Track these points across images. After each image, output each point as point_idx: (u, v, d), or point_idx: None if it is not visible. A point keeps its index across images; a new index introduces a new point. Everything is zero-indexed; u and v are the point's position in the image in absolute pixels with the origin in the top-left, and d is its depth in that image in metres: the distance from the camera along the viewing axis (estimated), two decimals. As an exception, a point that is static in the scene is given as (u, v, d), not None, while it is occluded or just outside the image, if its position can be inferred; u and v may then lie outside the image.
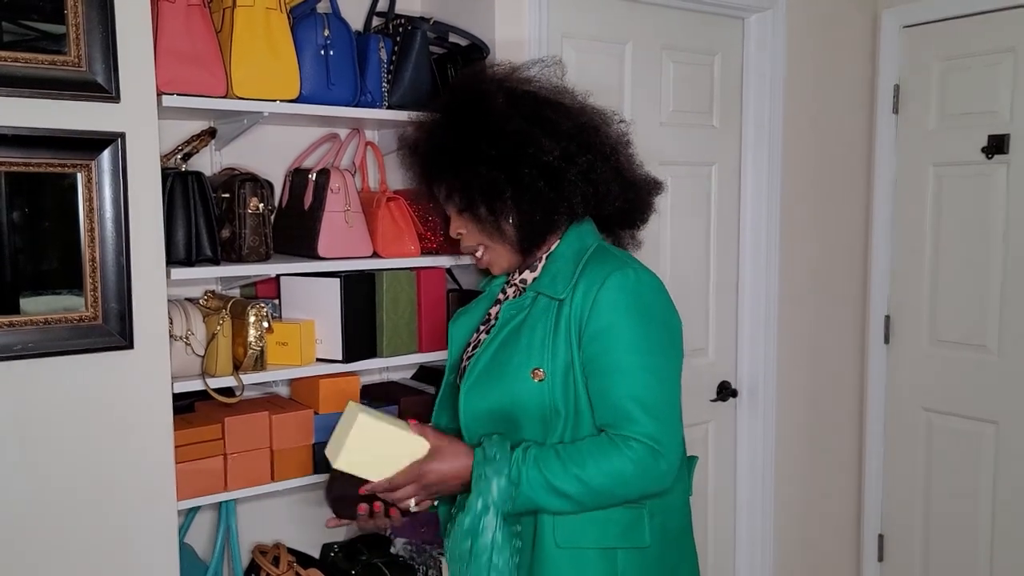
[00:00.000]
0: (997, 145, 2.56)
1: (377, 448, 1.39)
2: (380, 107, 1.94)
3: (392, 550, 2.21)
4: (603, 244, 1.50)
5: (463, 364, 1.55)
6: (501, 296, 1.58)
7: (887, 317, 2.90)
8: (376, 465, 1.39)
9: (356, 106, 1.90)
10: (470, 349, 1.56)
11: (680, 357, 1.42)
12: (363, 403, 1.69)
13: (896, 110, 2.81)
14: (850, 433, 2.96)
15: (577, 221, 1.50)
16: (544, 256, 1.50)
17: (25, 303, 1.53)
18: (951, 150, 2.69)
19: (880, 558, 2.96)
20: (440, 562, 2.11)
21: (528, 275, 1.51)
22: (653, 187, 1.59)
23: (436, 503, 1.51)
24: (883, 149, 2.84)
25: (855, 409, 2.96)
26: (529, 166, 1.41)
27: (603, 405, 1.36)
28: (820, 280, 2.81)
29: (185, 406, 1.90)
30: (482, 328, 1.57)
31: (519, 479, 1.32)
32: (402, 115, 1.96)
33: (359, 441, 1.37)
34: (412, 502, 1.41)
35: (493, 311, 1.57)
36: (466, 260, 2.12)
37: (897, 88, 2.80)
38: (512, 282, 1.55)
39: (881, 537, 2.96)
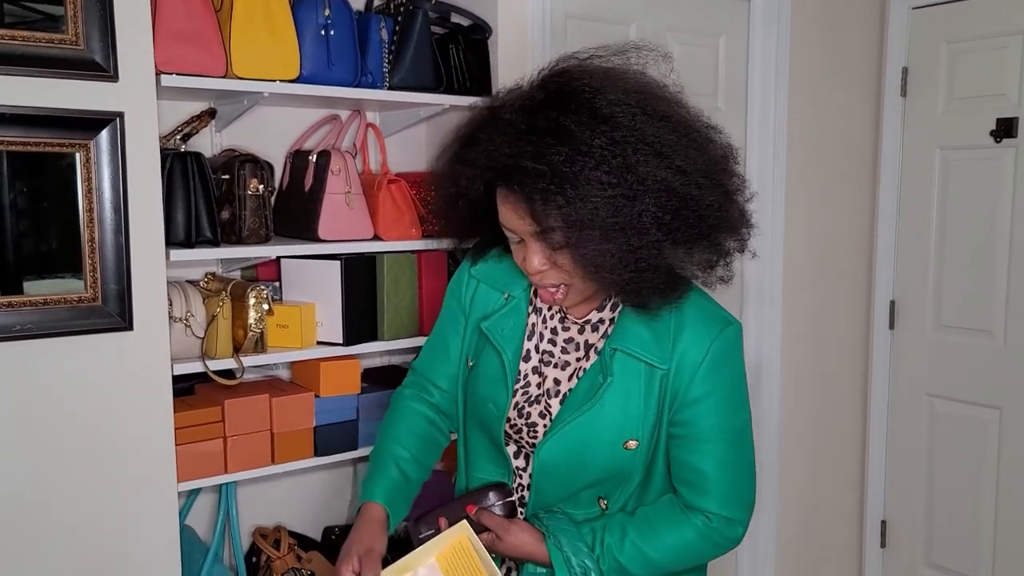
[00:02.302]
0: (1005, 129, 2.54)
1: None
2: (381, 88, 1.92)
3: (392, 533, 2.21)
4: (687, 287, 1.28)
5: (518, 382, 1.36)
6: (537, 303, 1.37)
7: (892, 302, 2.88)
8: None
9: (357, 87, 1.88)
10: (519, 384, 1.35)
11: (750, 405, 1.34)
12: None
13: (904, 93, 2.78)
14: (853, 419, 2.95)
15: None
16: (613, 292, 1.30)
17: (27, 287, 1.53)
18: (959, 134, 2.67)
19: (883, 544, 2.96)
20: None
21: (595, 315, 1.32)
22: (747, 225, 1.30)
23: None
24: (890, 132, 2.81)
25: (859, 395, 2.95)
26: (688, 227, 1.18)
27: (685, 472, 1.29)
28: (824, 265, 2.79)
29: (185, 388, 1.89)
30: (531, 357, 1.35)
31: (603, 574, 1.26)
32: (403, 96, 1.95)
33: None
34: None
35: (533, 321, 1.37)
36: (468, 244, 2.10)
37: (905, 71, 2.77)
38: (561, 312, 1.35)
39: (884, 523, 2.95)
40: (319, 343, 1.94)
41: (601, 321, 1.32)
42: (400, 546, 1.45)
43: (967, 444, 2.71)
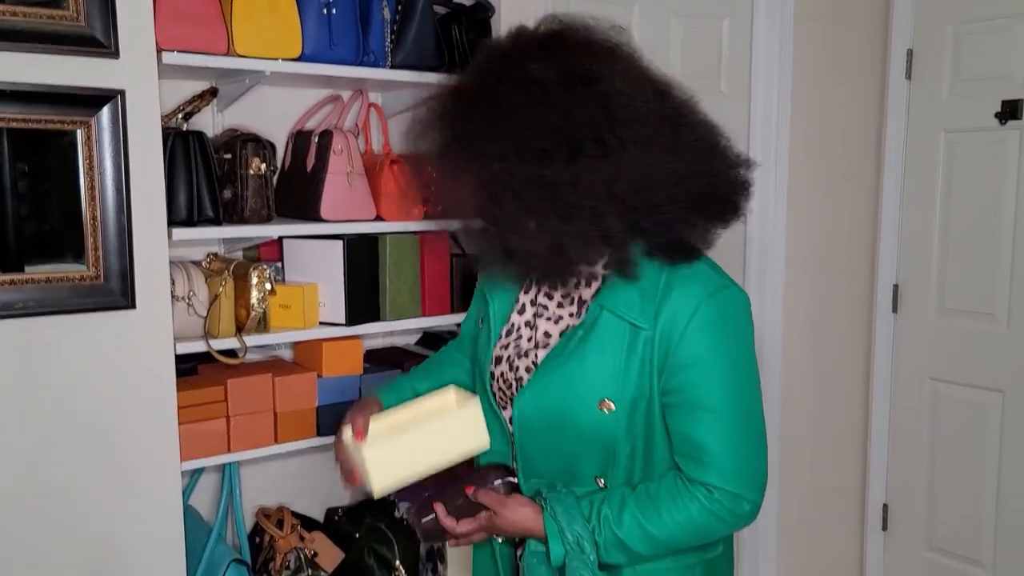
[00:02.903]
0: (1011, 111, 2.52)
1: (404, 451, 1.34)
2: (383, 67, 1.91)
3: (396, 514, 2.21)
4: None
5: (497, 347, 1.38)
6: None
7: (895, 286, 2.88)
8: (417, 461, 1.34)
9: (359, 66, 1.87)
10: (503, 337, 1.38)
11: (759, 379, 1.29)
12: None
13: (909, 76, 2.77)
14: (856, 402, 2.94)
15: None
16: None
17: (29, 264, 1.53)
18: (964, 116, 2.65)
19: (884, 527, 2.96)
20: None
21: (585, 268, 1.31)
22: (741, 188, 1.29)
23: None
24: (894, 115, 2.80)
25: (861, 379, 2.95)
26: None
27: (684, 444, 1.24)
28: (827, 249, 2.78)
29: (187, 369, 1.90)
30: (525, 310, 1.37)
31: (599, 547, 1.23)
32: (405, 75, 1.94)
33: (379, 465, 1.32)
34: None
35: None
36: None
37: (910, 53, 2.75)
38: None
39: (885, 506, 2.95)
40: (321, 323, 1.93)
41: (593, 276, 1.29)
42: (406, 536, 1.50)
43: (969, 427, 2.70)
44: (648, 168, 1.16)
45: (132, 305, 1.60)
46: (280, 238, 1.96)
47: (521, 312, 1.37)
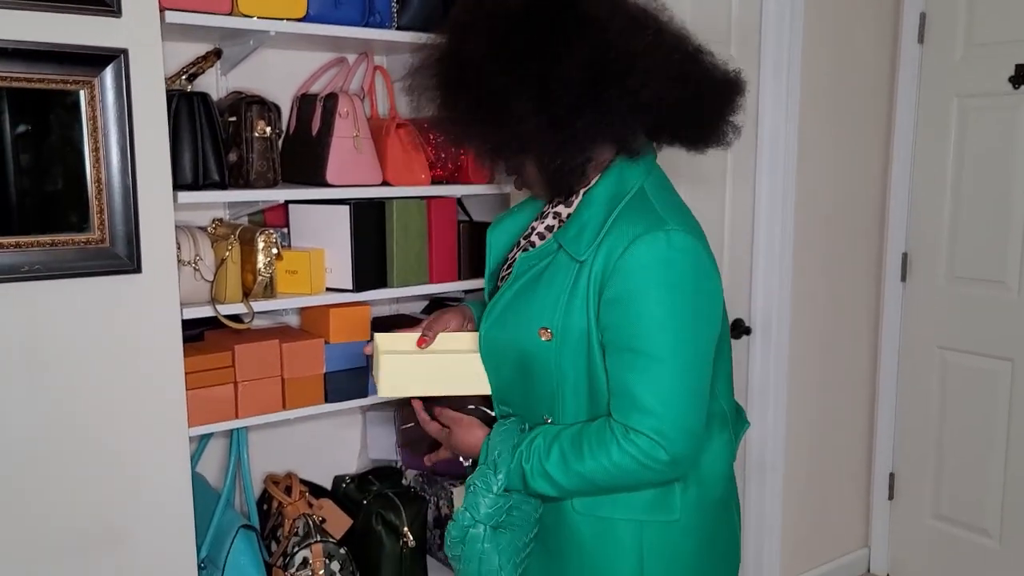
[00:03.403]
0: (1024, 75, 2.49)
1: (415, 370, 1.42)
2: (389, 28, 1.88)
3: (404, 481, 2.22)
4: (644, 189, 1.26)
5: (499, 279, 1.44)
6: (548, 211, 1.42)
7: (904, 255, 2.86)
8: (422, 383, 1.42)
9: (364, 27, 1.84)
10: (505, 268, 1.42)
11: (712, 331, 1.25)
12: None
13: (921, 39, 2.73)
14: (864, 371, 2.94)
15: (632, 152, 1.28)
16: (581, 192, 1.32)
17: (34, 227, 1.51)
18: (977, 80, 2.62)
19: (890, 496, 2.97)
20: (451, 492, 2.11)
21: (563, 209, 1.35)
22: (728, 89, 1.28)
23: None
24: (906, 80, 2.76)
25: (869, 347, 2.93)
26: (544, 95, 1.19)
27: (613, 385, 1.23)
28: (837, 216, 2.76)
29: (194, 335, 1.88)
30: (523, 241, 1.41)
31: (521, 473, 1.26)
32: (411, 36, 1.91)
33: (390, 374, 1.40)
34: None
35: (538, 225, 1.41)
36: (477, 190, 2.08)
37: (923, 16, 2.71)
38: (548, 211, 1.39)
39: (892, 475, 2.96)
40: (328, 289, 1.92)
41: (568, 215, 1.34)
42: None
43: (978, 396, 2.70)
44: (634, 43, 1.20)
45: (138, 269, 1.58)
46: (286, 203, 1.94)
47: (520, 248, 1.42)
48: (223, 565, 1.79)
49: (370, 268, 1.93)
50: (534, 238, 1.38)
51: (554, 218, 1.37)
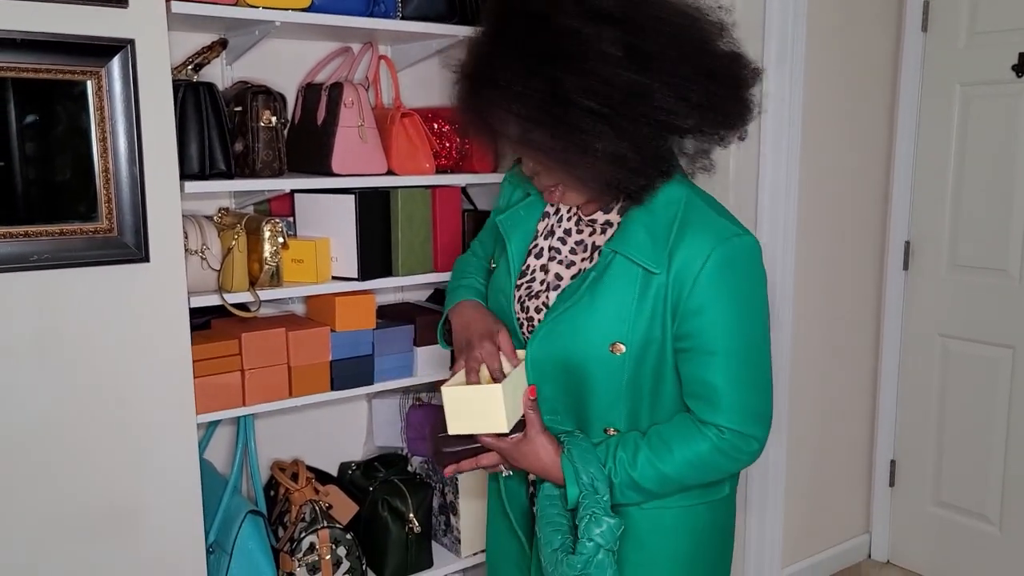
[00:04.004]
0: (1028, 63, 2.49)
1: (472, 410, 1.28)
2: (394, 18, 1.89)
3: (409, 468, 2.24)
4: (692, 194, 1.28)
5: (524, 276, 1.38)
6: (550, 210, 1.40)
7: (907, 243, 2.86)
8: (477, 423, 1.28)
9: (369, 16, 1.85)
10: (525, 279, 1.38)
11: (768, 323, 1.31)
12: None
13: (925, 28, 2.73)
14: (865, 359, 2.95)
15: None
16: (621, 196, 1.30)
17: (43, 216, 1.53)
18: (980, 69, 2.62)
19: (891, 483, 2.98)
20: (456, 479, 2.13)
21: (601, 216, 1.32)
22: (744, 80, 1.28)
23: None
24: (909, 67, 2.76)
25: (871, 335, 2.95)
26: (637, 122, 1.17)
27: (696, 387, 1.27)
28: (840, 204, 2.76)
29: (201, 324, 1.90)
30: (545, 243, 1.38)
31: (609, 488, 1.25)
32: (416, 26, 1.92)
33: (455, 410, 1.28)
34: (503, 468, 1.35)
35: (541, 226, 1.40)
36: (482, 180, 2.09)
37: (927, 4, 2.71)
38: (566, 213, 1.37)
39: (893, 462, 2.97)
40: (334, 278, 1.93)
41: (608, 224, 1.32)
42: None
43: (979, 383, 2.71)
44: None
45: (146, 258, 1.60)
46: (292, 192, 1.95)
47: (538, 256, 1.39)
48: (231, 550, 1.82)
49: (375, 257, 1.94)
50: (567, 245, 1.35)
51: (587, 224, 1.34)
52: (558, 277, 1.35)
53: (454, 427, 1.27)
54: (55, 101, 1.51)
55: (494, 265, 1.45)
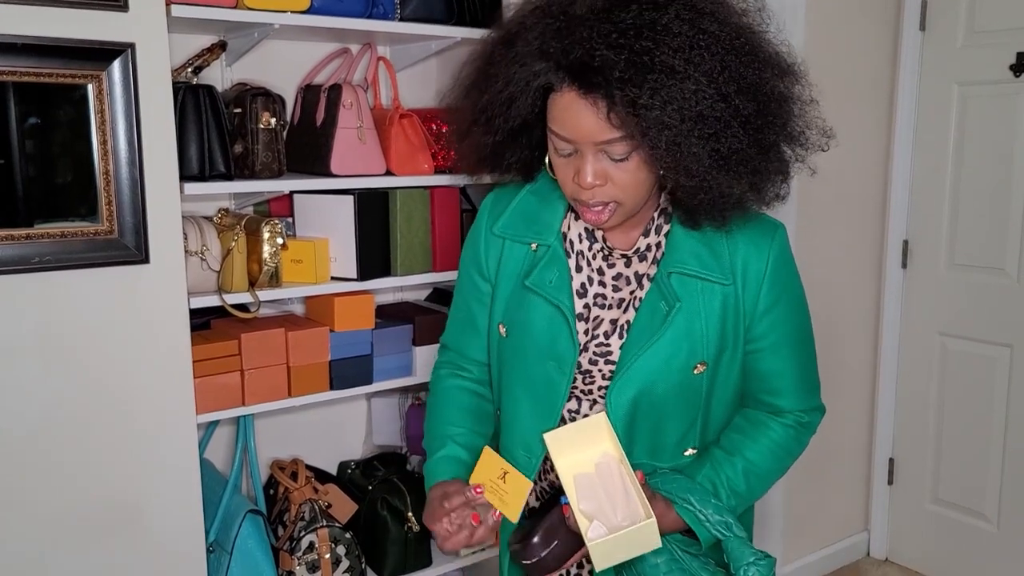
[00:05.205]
0: (1025, 63, 2.49)
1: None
2: (392, 19, 1.90)
3: (408, 467, 2.25)
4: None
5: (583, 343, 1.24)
6: (579, 246, 1.25)
7: (905, 242, 2.87)
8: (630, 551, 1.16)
9: (368, 18, 1.86)
10: (586, 339, 1.23)
11: None
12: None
13: (923, 27, 2.73)
14: (864, 358, 2.96)
15: None
16: (655, 215, 1.22)
17: (44, 218, 1.54)
18: (978, 68, 2.62)
19: (890, 481, 2.99)
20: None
21: (643, 241, 1.22)
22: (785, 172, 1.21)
23: None
24: (907, 67, 2.77)
25: (870, 334, 2.95)
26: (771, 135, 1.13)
27: (767, 381, 1.26)
28: (838, 204, 2.77)
29: (201, 324, 1.91)
30: (591, 293, 1.24)
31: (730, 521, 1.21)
32: (414, 28, 1.93)
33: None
34: None
35: (576, 264, 1.25)
36: (480, 180, 2.09)
37: (924, 4, 2.71)
38: (604, 250, 1.24)
39: (892, 460, 2.98)
40: (333, 278, 1.94)
41: (649, 248, 1.22)
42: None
43: (977, 382, 2.72)
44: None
45: (146, 259, 1.61)
46: (291, 193, 1.96)
47: (586, 311, 1.25)
48: (231, 549, 1.83)
49: (374, 257, 1.95)
50: (607, 287, 1.24)
51: (619, 257, 1.23)
52: (612, 323, 1.22)
53: (603, 566, 1.14)
54: (56, 104, 1.52)
55: (506, 330, 1.27)
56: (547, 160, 1.20)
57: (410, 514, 2.08)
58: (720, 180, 1.10)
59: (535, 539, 1.17)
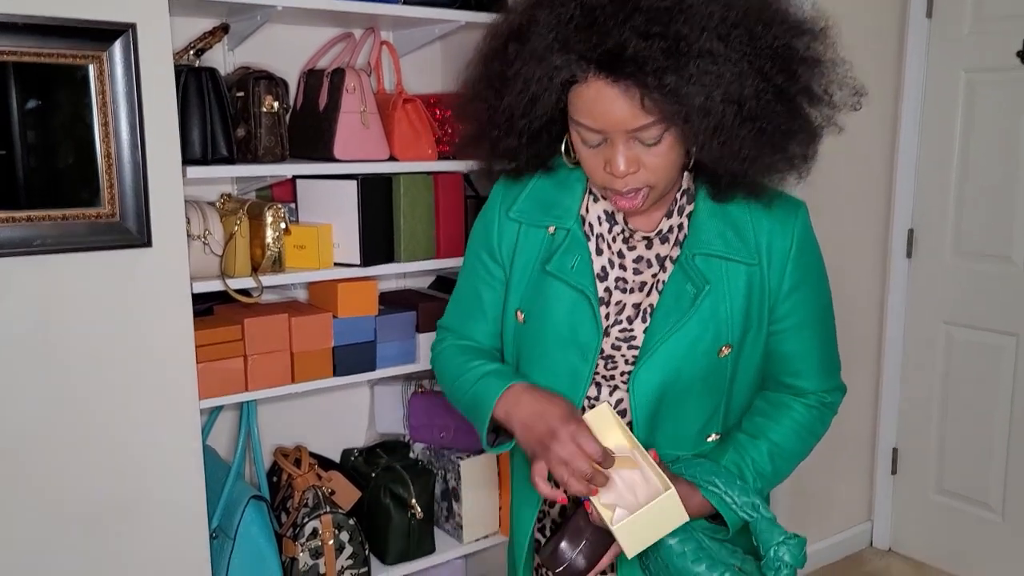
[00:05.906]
0: (1033, 49, 2.48)
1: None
2: (396, 3, 1.88)
3: (411, 455, 2.24)
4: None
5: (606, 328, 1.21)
6: (599, 228, 1.22)
7: (910, 231, 2.86)
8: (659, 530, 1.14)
9: (371, 1, 1.84)
10: (609, 323, 1.20)
11: None
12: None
13: (929, 14, 2.71)
14: (868, 347, 2.95)
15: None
16: (677, 196, 1.19)
17: (45, 201, 1.53)
18: (984, 55, 2.60)
19: (894, 471, 2.99)
20: (458, 465, 2.14)
21: (665, 223, 1.19)
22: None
23: None
24: (914, 54, 2.75)
25: (874, 323, 2.94)
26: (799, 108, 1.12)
27: (790, 362, 1.24)
28: (843, 192, 2.75)
29: (203, 310, 1.90)
30: (613, 277, 1.22)
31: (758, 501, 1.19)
32: (418, 11, 1.91)
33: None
34: None
35: (596, 247, 1.23)
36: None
37: (931, -10, 2.70)
38: (624, 232, 1.21)
39: (895, 450, 2.98)
40: (336, 264, 1.93)
41: (671, 229, 1.20)
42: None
43: (982, 371, 2.70)
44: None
45: (148, 243, 1.60)
46: (294, 178, 1.95)
47: (607, 295, 1.23)
48: (234, 535, 1.82)
49: (377, 243, 1.94)
50: (628, 270, 1.21)
51: (641, 239, 1.20)
52: (636, 306, 1.20)
53: (634, 550, 1.11)
54: (57, 86, 1.51)
55: (524, 316, 1.24)
56: (563, 148, 1.18)
57: (413, 501, 2.07)
58: (762, 153, 1.09)
59: (562, 544, 1.15)
